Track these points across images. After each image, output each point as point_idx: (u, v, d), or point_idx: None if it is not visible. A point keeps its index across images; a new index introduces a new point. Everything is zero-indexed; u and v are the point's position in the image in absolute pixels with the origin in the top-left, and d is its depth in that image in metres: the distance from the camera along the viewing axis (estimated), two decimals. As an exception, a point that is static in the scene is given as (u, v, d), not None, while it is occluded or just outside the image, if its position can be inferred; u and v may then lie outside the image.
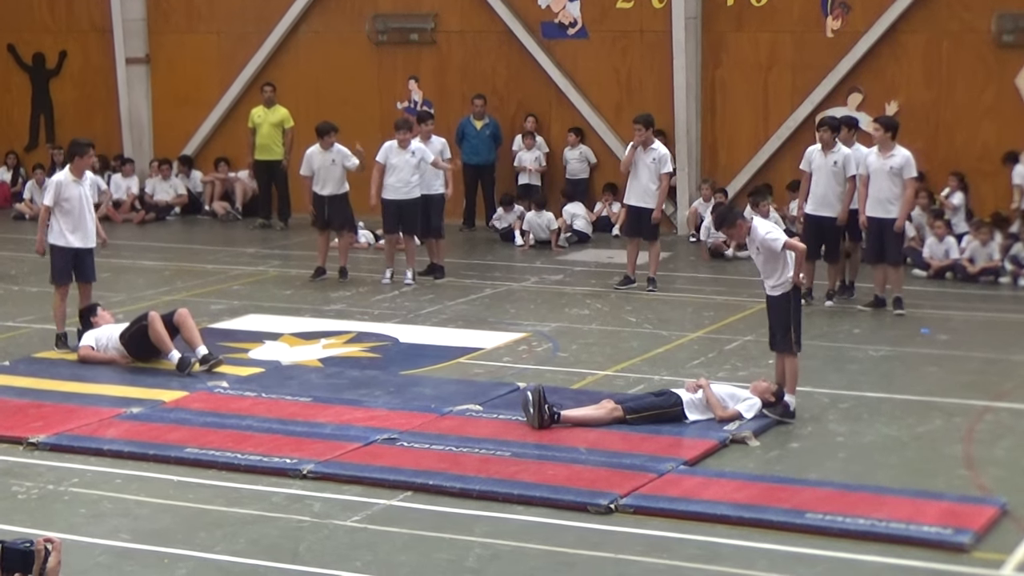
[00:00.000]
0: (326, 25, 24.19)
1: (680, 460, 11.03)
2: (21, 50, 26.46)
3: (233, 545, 9.50)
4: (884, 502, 10.04)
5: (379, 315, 16.76)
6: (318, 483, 10.65)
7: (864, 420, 12.30)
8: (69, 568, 5.21)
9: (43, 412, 12.44)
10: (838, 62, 21.37)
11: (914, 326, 16.02)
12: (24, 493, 10.59)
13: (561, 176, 22.90)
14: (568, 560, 9.18)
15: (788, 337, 12.19)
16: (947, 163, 20.54)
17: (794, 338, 12.19)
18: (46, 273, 15.34)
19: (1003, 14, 20.48)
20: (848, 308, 16.86)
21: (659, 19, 22.14)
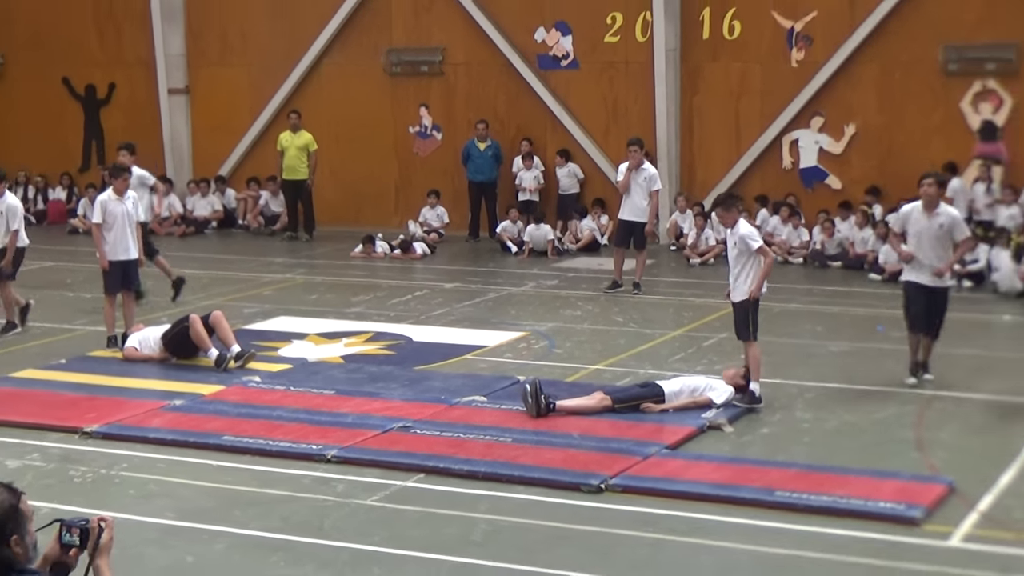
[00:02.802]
0: (346, 58, 24.20)
1: (663, 444, 11.05)
2: (75, 82, 26.48)
3: (266, 522, 9.52)
4: (845, 481, 10.06)
5: (394, 317, 16.77)
6: (341, 466, 10.67)
7: (827, 408, 12.32)
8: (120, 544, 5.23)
9: (95, 404, 12.46)
10: (801, 89, 21.39)
11: (870, 325, 16.03)
12: (79, 477, 10.62)
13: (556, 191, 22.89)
14: (563, 534, 9.21)
15: (747, 329, 12.27)
16: (899, 179, 20.45)
17: (752, 330, 12.25)
18: (97, 281, 15.37)
19: (948, 46, 20.49)
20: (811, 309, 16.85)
21: (642, 51, 22.15)
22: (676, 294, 18.20)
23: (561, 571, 8.56)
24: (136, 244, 15.00)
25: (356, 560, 8.81)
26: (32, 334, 15.83)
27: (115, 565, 5.02)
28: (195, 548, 9.06)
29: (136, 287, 15.91)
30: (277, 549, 9.03)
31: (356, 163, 24.14)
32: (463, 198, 23.21)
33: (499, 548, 8.98)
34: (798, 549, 8.86)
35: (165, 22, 25.08)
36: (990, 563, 8.62)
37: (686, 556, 8.82)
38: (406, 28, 23.86)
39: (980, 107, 20.49)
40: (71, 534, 4.95)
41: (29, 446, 11.35)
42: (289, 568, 8.74)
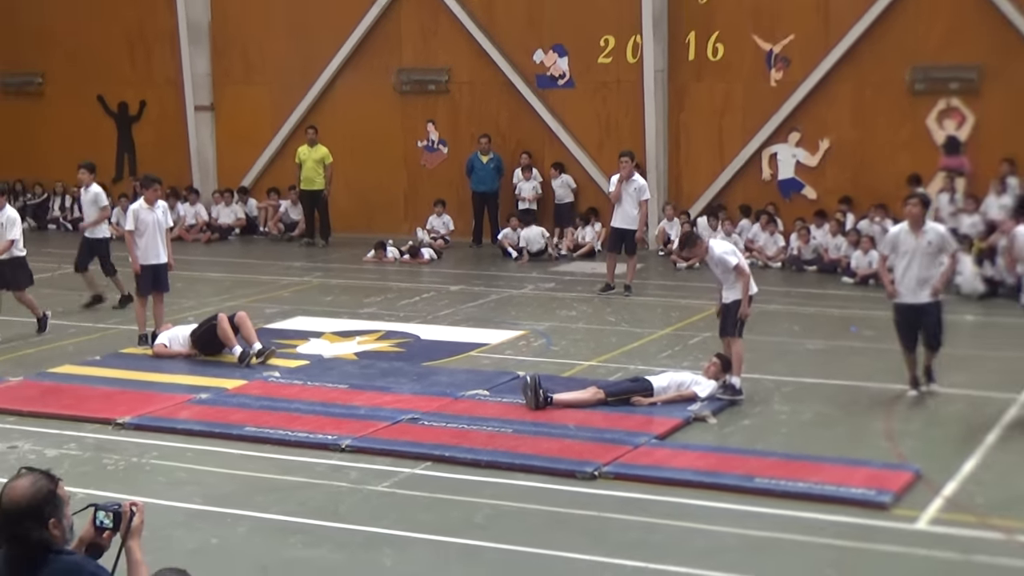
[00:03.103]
0: (359, 78, 24.21)
1: (652, 435, 11.06)
2: (108, 100, 26.49)
3: (285, 506, 9.53)
4: (820, 468, 10.07)
5: (404, 316, 16.77)
6: (354, 455, 10.68)
7: (803, 401, 12.32)
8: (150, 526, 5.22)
9: (127, 398, 12.47)
10: (780, 107, 21.39)
11: (844, 325, 16.04)
12: (113, 465, 10.63)
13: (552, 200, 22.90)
14: (560, 518, 9.21)
15: (733, 327, 12.31)
16: (870, 190, 20.57)
17: (739, 328, 12.31)
18: (130, 284, 15.38)
19: (916, 67, 20.50)
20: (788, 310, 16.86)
21: (633, 72, 22.16)
22: (664, 296, 18.20)
23: (559, 552, 8.56)
24: (166, 249, 15.01)
25: (369, 542, 8.82)
26: (69, 333, 15.84)
27: (145, 546, 5.02)
28: (219, 531, 9.07)
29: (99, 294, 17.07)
30: (295, 532, 9.04)
31: (368, 174, 24.15)
32: (467, 207, 23.21)
33: (501, 531, 8.99)
34: (777, 531, 8.87)
35: (192, 44, 25.09)
36: (954, 545, 8.63)
37: (674, 538, 8.82)
38: (414, 50, 23.86)
39: (944, 123, 20.50)
40: (105, 517, 4.95)
41: (66, 436, 11.36)
42: (307, 550, 8.74)
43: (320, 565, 8.49)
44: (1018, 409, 11.87)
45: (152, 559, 5.10)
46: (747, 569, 8.25)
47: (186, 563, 5.74)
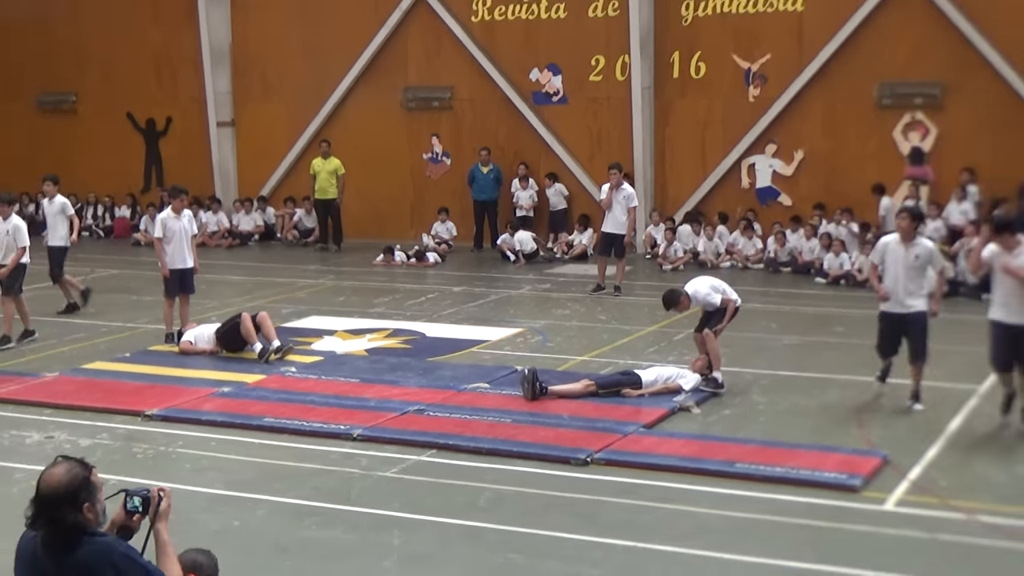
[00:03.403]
0: (368, 95, 24.22)
1: (640, 424, 11.06)
2: (137, 116, 26.50)
3: (301, 491, 9.53)
4: (795, 454, 10.08)
5: (411, 316, 16.77)
6: (365, 443, 10.68)
7: (779, 392, 12.33)
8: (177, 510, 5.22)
9: (155, 391, 12.47)
10: (757, 120, 21.41)
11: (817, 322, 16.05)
12: (142, 453, 10.63)
13: (547, 208, 22.92)
14: (555, 501, 9.22)
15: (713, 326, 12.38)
16: (841, 197, 20.58)
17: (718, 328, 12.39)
18: (158, 287, 15.38)
19: (883, 83, 20.52)
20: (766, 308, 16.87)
21: (622, 89, 22.17)
22: (651, 296, 18.14)
23: (554, 532, 8.57)
24: (192, 255, 15.01)
25: (379, 524, 8.82)
26: (101, 331, 15.84)
27: (172, 529, 5.02)
28: (241, 514, 9.07)
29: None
30: (311, 514, 9.04)
31: (378, 184, 24.16)
32: (469, 214, 23.23)
33: (501, 513, 8.99)
34: (756, 513, 8.87)
35: (214, 65, 25.11)
36: (919, 524, 8.65)
37: (661, 519, 8.83)
38: (419, 70, 23.88)
39: (909, 135, 20.52)
40: (135, 502, 4.95)
41: (99, 427, 11.37)
42: (321, 531, 8.74)
43: (333, 545, 8.49)
44: (978, 399, 11.88)
45: (178, 540, 5.11)
46: (730, 548, 8.25)
47: (210, 544, 5.74)
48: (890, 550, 8.25)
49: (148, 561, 4.82)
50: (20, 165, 27.04)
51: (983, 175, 19.64)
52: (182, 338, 14.46)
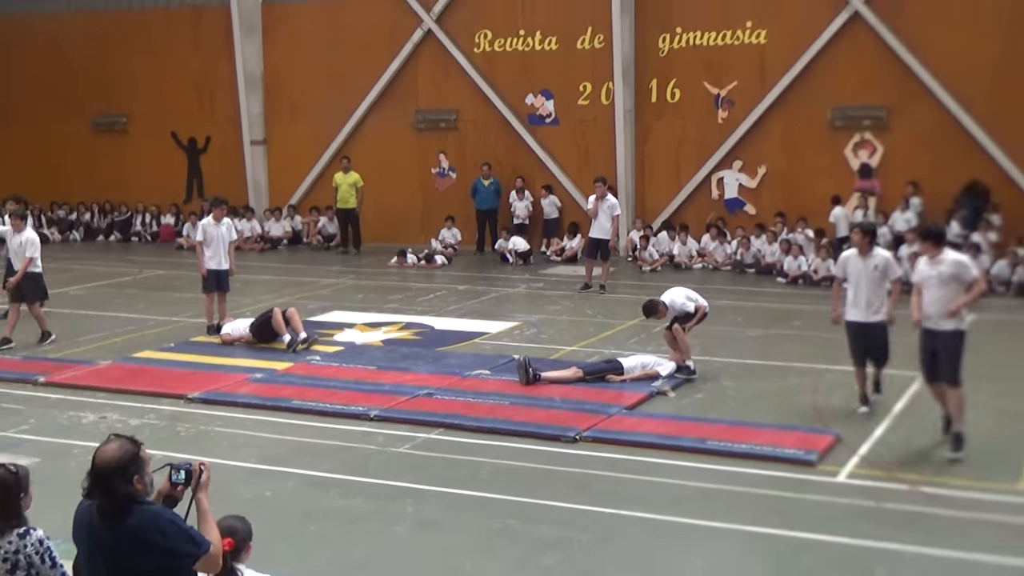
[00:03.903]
0: (383, 117, 24.20)
1: (623, 406, 11.06)
2: (180, 135, 26.48)
3: (325, 464, 9.53)
4: (759, 433, 10.08)
5: (421, 311, 16.76)
6: (381, 423, 10.68)
7: (745, 379, 12.34)
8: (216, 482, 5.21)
9: (197, 377, 12.47)
10: (726, 139, 21.41)
11: (778, 316, 16.04)
12: (184, 431, 10.63)
13: (541, 216, 22.90)
14: (548, 474, 9.23)
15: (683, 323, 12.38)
16: (799, 207, 20.57)
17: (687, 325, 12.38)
18: (198, 285, 15.37)
19: (835, 107, 20.53)
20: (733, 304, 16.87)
21: (606, 111, 22.17)
22: (632, 293, 18.18)
23: (548, 501, 8.58)
24: (228, 258, 14.98)
25: (394, 494, 8.82)
26: (148, 324, 15.83)
27: (211, 498, 5.01)
28: (272, 485, 9.07)
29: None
30: (334, 486, 9.04)
31: (392, 195, 24.14)
32: (472, 222, 23.21)
33: (501, 484, 8.99)
34: (726, 484, 8.88)
35: (248, 90, 25.09)
36: (867, 494, 8.66)
37: (641, 489, 8.83)
38: (428, 95, 23.86)
39: (859, 153, 20.52)
40: (178, 474, 4.95)
41: (147, 408, 11.37)
42: (343, 500, 8.75)
43: (354, 513, 8.49)
44: (919, 384, 11.87)
45: (217, 508, 5.10)
46: (702, 515, 8.25)
47: (245, 511, 5.73)
48: (842, 517, 8.26)
49: (191, 526, 4.81)
50: (77, 179, 27.16)
51: (924, 188, 19.64)
52: (221, 330, 14.46)
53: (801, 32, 20.55)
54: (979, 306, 16.40)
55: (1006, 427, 10.39)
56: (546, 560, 7.56)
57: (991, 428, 10.36)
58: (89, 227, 26.78)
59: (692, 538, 7.92)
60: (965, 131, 19.52)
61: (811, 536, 7.89)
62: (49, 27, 27.06)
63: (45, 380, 12.39)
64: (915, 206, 19.49)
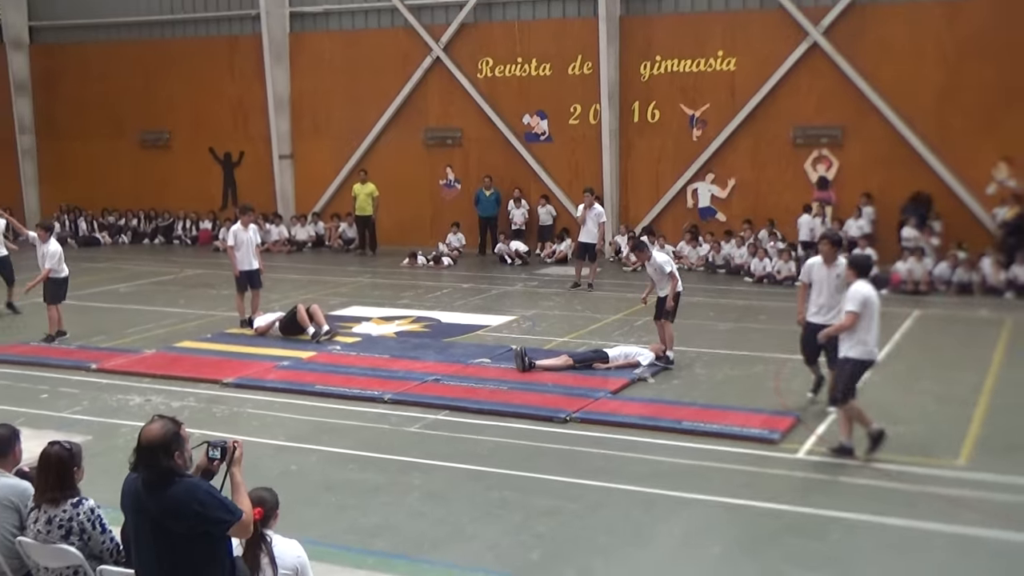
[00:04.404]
0: (397, 135, 24.17)
1: (608, 390, 11.06)
2: (217, 150, 26.42)
3: (344, 442, 9.54)
4: (729, 414, 10.08)
5: (429, 306, 16.75)
6: (394, 405, 10.69)
7: (716, 366, 12.34)
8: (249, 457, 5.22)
9: (231, 364, 12.47)
10: (699, 155, 21.38)
11: (746, 312, 16.04)
12: (220, 413, 10.62)
13: (536, 223, 22.89)
14: (542, 450, 9.23)
15: (667, 314, 12.30)
16: (764, 215, 20.56)
17: (671, 315, 12.29)
18: (232, 283, 15.35)
19: (796, 126, 20.50)
20: (706, 301, 16.87)
21: (594, 130, 22.15)
22: (616, 291, 18.20)
23: (541, 475, 8.58)
24: (257, 259, 14.93)
25: (404, 467, 8.82)
26: (188, 318, 15.81)
27: (244, 472, 5.01)
28: (297, 459, 9.07)
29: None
30: (351, 460, 9.05)
31: (404, 204, 24.12)
32: (475, 228, 23.18)
33: (500, 459, 8.99)
34: (699, 460, 8.89)
35: (276, 111, 25.04)
36: (824, 469, 8.68)
37: (624, 464, 8.83)
38: (436, 115, 23.83)
39: (817, 167, 20.50)
40: (215, 451, 4.95)
41: (187, 392, 11.36)
42: (360, 473, 8.75)
43: (369, 484, 8.49)
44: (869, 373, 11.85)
45: (249, 480, 5.10)
46: (679, 487, 8.26)
47: (273, 484, 5.73)
48: (801, 489, 8.27)
49: (225, 497, 4.81)
50: (126, 189, 27.13)
51: (875, 198, 19.64)
52: (253, 323, 14.45)
53: (766, 60, 20.54)
54: (923, 303, 16.51)
55: (946, 410, 10.41)
56: (539, 527, 7.56)
57: (933, 411, 10.38)
58: (136, 231, 26.74)
59: (670, 507, 7.92)
60: (910, 147, 19.52)
61: (774, 506, 7.90)
62: (102, 55, 27.04)
63: (96, 367, 12.38)
64: (867, 214, 19.49)
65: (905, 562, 6.98)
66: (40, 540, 5.49)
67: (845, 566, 6.93)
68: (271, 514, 5.37)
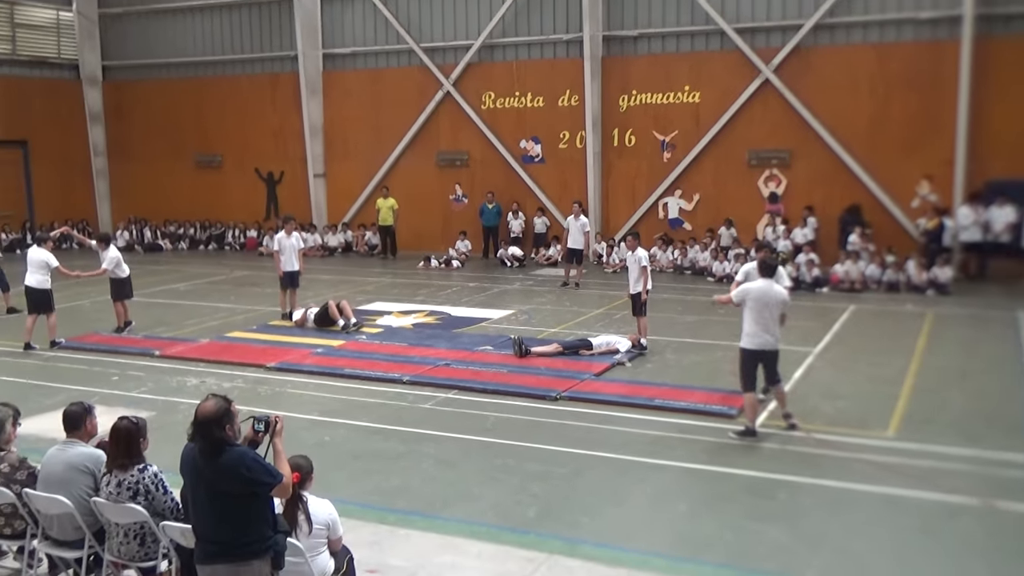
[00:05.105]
0: (414, 157, 24.13)
1: (592, 373, 11.07)
2: (261, 170, 26.39)
3: (369, 417, 9.52)
4: (693, 393, 10.09)
5: (441, 301, 16.73)
6: (411, 386, 10.68)
7: (684, 353, 12.32)
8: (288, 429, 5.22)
9: (273, 351, 12.46)
10: (669, 174, 21.35)
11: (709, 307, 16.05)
12: (264, 392, 10.62)
13: (531, 231, 22.86)
14: (536, 424, 9.22)
15: (641, 308, 12.27)
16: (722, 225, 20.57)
17: (644, 309, 12.28)
18: (275, 283, 15.32)
19: (751, 149, 20.47)
20: (674, 297, 16.85)
21: (580, 153, 22.11)
22: (599, 289, 18.19)
23: (535, 444, 8.58)
24: (298, 262, 14.92)
25: (419, 438, 8.82)
26: (237, 312, 15.78)
27: (284, 442, 5.02)
28: (329, 432, 9.07)
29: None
30: (375, 432, 9.04)
31: (420, 216, 24.09)
32: (479, 236, 23.14)
33: (501, 431, 9.00)
34: (667, 432, 8.89)
35: (311, 137, 25.01)
36: (774, 439, 8.67)
37: (605, 435, 8.84)
38: (447, 140, 23.79)
39: (768, 184, 20.48)
40: (259, 424, 4.95)
41: (236, 375, 11.36)
42: (383, 443, 8.74)
43: (390, 453, 8.49)
44: (812, 358, 11.91)
45: (288, 449, 5.10)
46: (651, 455, 8.27)
47: (309, 452, 5.74)
48: (754, 456, 8.27)
49: (268, 463, 4.82)
50: (184, 203, 27.08)
51: (817, 210, 19.63)
52: (293, 316, 14.44)
53: (725, 94, 20.52)
54: (858, 299, 16.52)
55: (877, 389, 10.41)
56: (534, 488, 7.58)
57: (867, 390, 10.38)
58: (193, 239, 26.71)
59: (643, 471, 7.93)
60: (847, 167, 19.52)
61: (731, 470, 7.91)
62: (163, 90, 27.01)
63: (159, 353, 12.38)
64: (811, 224, 19.47)
65: (840, 517, 7.00)
66: (111, 500, 5.50)
67: (791, 520, 6.94)
68: (307, 478, 5.39)
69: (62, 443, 5.84)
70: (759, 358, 8.63)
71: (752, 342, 8.59)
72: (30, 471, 5.90)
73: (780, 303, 8.62)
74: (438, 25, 23.40)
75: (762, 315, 8.51)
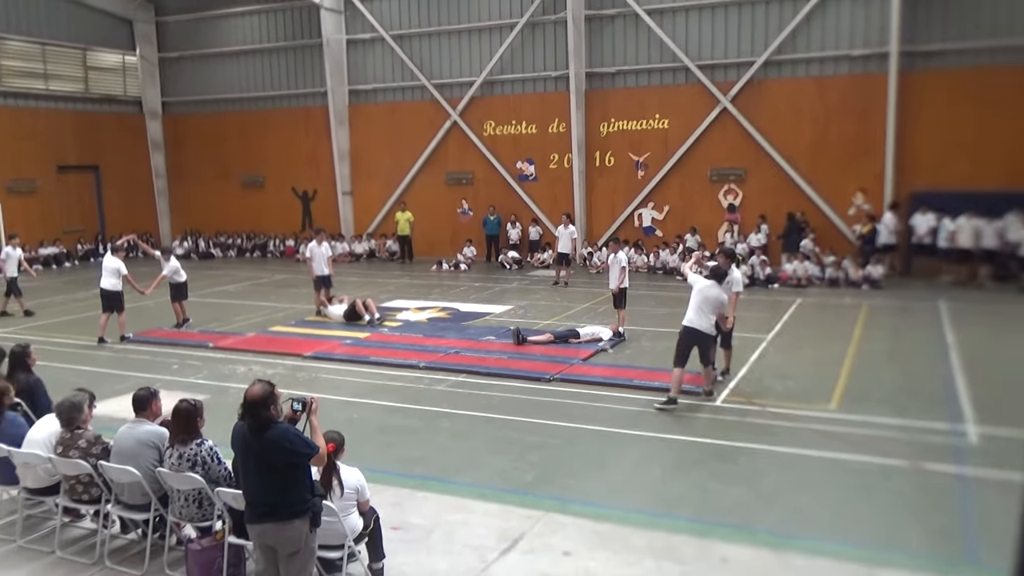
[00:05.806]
0: (427, 176, 24.09)
1: (580, 358, 11.05)
2: (297, 189, 26.34)
3: (391, 397, 9.49)
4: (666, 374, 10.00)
5: (451, 299, 16.69)
6: (427, 371, 10.65)
7: (658, 340, 12.29)
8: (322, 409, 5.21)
9: (309, 342, 12.43)
10: (643, 189, 21.30)
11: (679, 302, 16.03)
12: (302, 377, 10.59)
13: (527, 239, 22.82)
14: (533, 402, 9.20)
15: (622, 302, 12.23)
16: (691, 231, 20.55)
17: (623, 302, 12.23)
18: (310, 285, 15.27)
19: (712, 168, 20.41)
20: (649, 294, 16.82)
21: (567, 173, 22.06)
22: (585, 287, 18.17)
23: (532, 419, 8.56)
24: (328, 267, 14.88)
25: (434, 415, 8.80)
26: (278, 310, 15.74)
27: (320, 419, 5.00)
28: (357, 411, 9.05)
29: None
30: (397, 411, 9.02)
31: (432, 227, 24.05)
32: (483, 243, 23.09)
33: (504, 408, 8.97)
34: (644, 407, 8.87)
35: (339, 160, 24.94)
36: (735, 413, 8.66)
37: (592, 411, 8.81)
38: (454, 162, 23.74)
39: (727, 197, 20.44)
40: (298, 405, 4.94)
41: (278, 363, 11.33)
42: (403, 419, 8.72)
43: (410, 428, 8.47)
44: (765, 344, 11.89)
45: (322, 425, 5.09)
46: (631, 427, 8.26)
47: (340, 428, 5.72)
48: (719, 427, 8.26)
49: (307, 437, 4.81)
50: (233, 217, 27.01)
51: (769, 218, 19.62)
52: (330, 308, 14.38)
53: (690, 121, 20.48)
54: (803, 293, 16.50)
55: (821, 369, 10.40)
56: (532, 457, 7.56)
57: (812, 370, 10.37)
58: (240, 248, 26.65)
59: (625, 441, 7.92)
60: (793, 182, 19.50)
61: (700, 439, 7.90)
62: (213, 122, 26.95)
63: (213, 345, 12.35)
64: (764, 230, 19.47)
65: (792, 477, 6.99)
66: (173, 470, 5.50)
67: (750, 481, 6.94)
68: (339, 449, 5.38)
69: (131, 422, 5.85)
70: (693, 337, 8.81)
71: (688, 320, 8.92)
72: (104, 446, 5.90)
73: (716, 304, 8.92)
74: (446, 64, 23.37)
75: (701, 306, 8.88)
